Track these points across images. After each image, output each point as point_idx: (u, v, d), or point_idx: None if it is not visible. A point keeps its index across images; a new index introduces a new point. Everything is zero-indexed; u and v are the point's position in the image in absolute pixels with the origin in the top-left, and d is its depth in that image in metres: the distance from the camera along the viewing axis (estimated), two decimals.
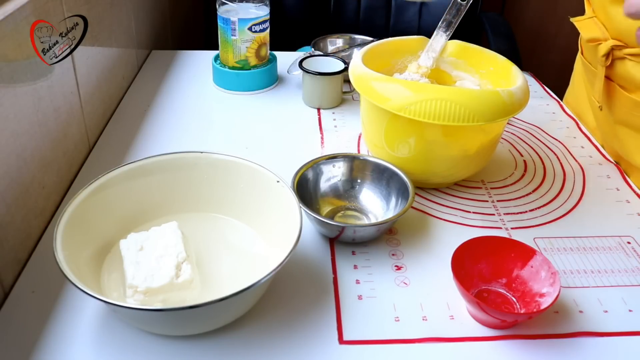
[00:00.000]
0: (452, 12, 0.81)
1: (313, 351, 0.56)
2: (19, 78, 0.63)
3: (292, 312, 0.60)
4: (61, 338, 0.56)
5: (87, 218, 0.60)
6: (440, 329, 0.59)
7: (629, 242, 0.72)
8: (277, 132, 0.94)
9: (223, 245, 0.67)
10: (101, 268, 0.61)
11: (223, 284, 0.61)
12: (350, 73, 0.78)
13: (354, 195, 0.76)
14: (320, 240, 0.70)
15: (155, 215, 0.67)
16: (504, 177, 0.85)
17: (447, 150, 0.74)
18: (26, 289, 0.61)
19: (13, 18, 0.60)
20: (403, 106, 0.69)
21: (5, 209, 0.60)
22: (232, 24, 0.99)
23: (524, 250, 0.62)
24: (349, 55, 1.15)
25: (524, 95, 0.72)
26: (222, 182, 0.68)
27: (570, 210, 0.78)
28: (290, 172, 0.71)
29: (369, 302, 0.62)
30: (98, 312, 0.59)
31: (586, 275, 0.67)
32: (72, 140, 0.78)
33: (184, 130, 0.92)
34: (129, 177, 0.65)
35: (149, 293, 0.55)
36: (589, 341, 0.59)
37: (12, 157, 0.62)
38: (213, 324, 0.56)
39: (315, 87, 1.00)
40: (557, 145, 0.94)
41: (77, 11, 0.76)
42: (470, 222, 0.75)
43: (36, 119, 0.67)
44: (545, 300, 0.58)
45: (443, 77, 0.86)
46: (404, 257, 0.68)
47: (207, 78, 1.09)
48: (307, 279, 0.64)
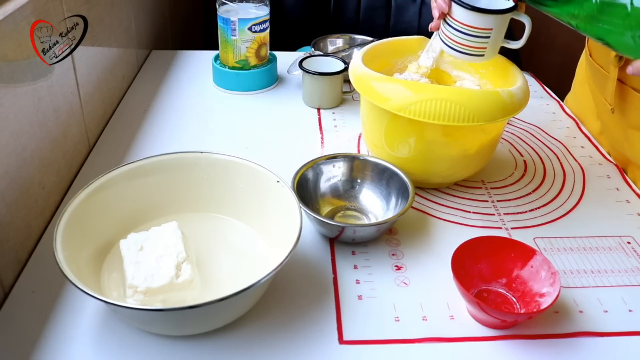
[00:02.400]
0: None
1: (313, 351, 0.56)
2: (19, 78, 0.63)
3: (292, 312, 0.60)
4: (61, 338, 0.56)
5: (87, 218, 0.60)
6: (440, 329, 0.59)
7: (629, 242, 0.72)
8: (277, 132, 0.94)
9: (223, 245, 0.67)
10: (101, 268, 0.61)
11: (223, 284, 0.61)
12: (350, 73, 0.78)
13: (354, 195, 0.76)
14: (320, 240, 0.70)
15: (155, 215, 0.67)
16: (504, 177, 0.85)
17: (447, 150, 0.74)
18: (26, 289, 0.61)
19: (13, 18, 0.60)
20: (403, 106, 0.69)
21: (5, 209, 0.60)
22: (232, 24, 0.99)
23: (524, 250, 0.62)
24: (349, 55, 1.15)
25: (524, 95, 0.72)
26: (222, 182, 0.68)
27: (570, 210, 0.78)
28: (290, 172, 0.71)
29: (369, 302, 0.62)
30: (98, 312, 0.59)
31: (586, 275, 0.67)
32: (72, 140, 0.78)
33: (184, 130, 0.92)
34: (129, 177, 0.65)
35: (149, 293, 0.55)
36: (589, 341, 0.59)
37: (12, 157, 0.62)
38: (213, 324, 0.56)
39: (315, 87, 1.00)
40: (557, 145, 0.94)
41: (77, 11, 0.76)
42: (470, 222, 0.75)
43: (36, 119, 0.67)
44: (545, 300, 0.58)
45: (443, 77, 0.86)
46: (404, 257, 0.68)
47: (207, 78, 1.09)
48: (307, 279, 0.64)
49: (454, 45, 0.73)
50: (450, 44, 0.74)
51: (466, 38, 0.72)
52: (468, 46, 0.72)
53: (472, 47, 0.72)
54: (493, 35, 0.71)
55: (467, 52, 0.73)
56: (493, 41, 0.72)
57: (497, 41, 0.73)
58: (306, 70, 0.99)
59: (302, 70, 0.99)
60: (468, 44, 0.72)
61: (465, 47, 0.73)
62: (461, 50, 0.73)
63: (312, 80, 0.99)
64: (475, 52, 0.73)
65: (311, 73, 0.98)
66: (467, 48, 0.73)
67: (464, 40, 0.72)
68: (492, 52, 0.74)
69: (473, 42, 0.72)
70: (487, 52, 0.73)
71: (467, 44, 0.72)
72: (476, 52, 0.73)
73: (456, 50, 0.74)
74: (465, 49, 0.73)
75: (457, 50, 0.74)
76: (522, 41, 0.72)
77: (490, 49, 0.73)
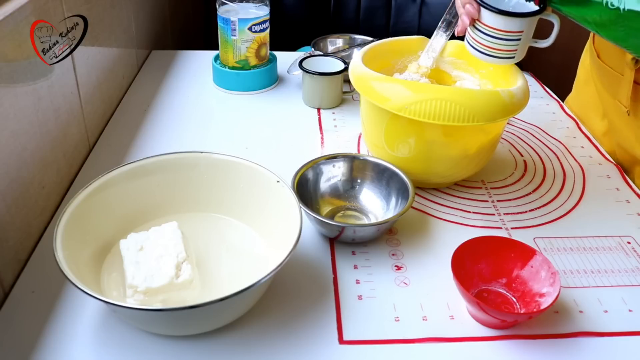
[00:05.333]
0: (452, 12, 0.82)
1: (313, 351, 0.56)
2: (19, 78, 0.63)
3: (292, 312, 0.60)
4: (61, 338, 0.56)
5: (87, 218, 0.60)
6: (440, 329, 0.59)
7: (629, 242, 0.72)
8: (277, 132, 0.94)
9: (223, 245, 0.67)
10: (101, 268, 0.61)
11: (223, 284, 0.61)
12: (350, 73, 0.78)
13: (354, 195, 0.76)
14: (320, 240, 0.70)
15: (155, 215, 0.67)
16: (504, 177, 0.85)
17: (447, 150, 0.74)
18: (26, 289, 0.61)
19: (13, 18, 0.60)
20: (403, 106, 0.69)
21: (5, 209, 0.60)
22: (232, 24, 0.99)
23: (524, 250, 0.62)
24: (349, 55, 1.15)
25: (524, 95, 0.72)
26: (222, 182, 0.68)
27: (570, 210, 0.78)
28: (290, 172, 0.71)
29: (369, 302, 0.62)
30: (98, 312, 0.59)
31: (586, 275, 0.67)
32: (72, 140, 0.78)
33: (184, 130, 0.92)
34: (129, 177, 0.65)
35: (149, 293, 0.55)
36: (589, 341, 0.59)
37: (12, 157, 0.62)
38: (213, 324, 0.56)
39: (315, 87, 1.00)
40: (557, 145, 0.94)
41: (77, 11, 0.76)
42: (470, 222, 0.75)
43: (36, 119, 0.67)
44: (545, 300, 0.58)
45: (443, 77, 0.86)
46: (404, 257, 0.68)
47: (207, 78, 1.09)
48: (307, 279, 0.64)
49: (484, 49, 0.74)
50: (480, 49, 0.74)
51: (497, 42, 0.72)
52: (499, 49, 0.73)
53: (503, 50, 0.73)
54: (524, 37, 0.72)
55: (498, 55, 0.73)
56: (523, 43, 0.73)
57: (526, 42, 0.73)
58: (306, 70, 0.99)
59: (302, 70, 0.99)
60: (499, 48, 0.73)
61: (496, 50, 0.73)
62: (492, 54, 0.74)
63: (312, 80, 0.99)
64: (506, 55, 0.73)
65: (311, 73, 0.98)
66: (498, 52, 0.73)
67: (495, 44, 0.72)
68: (521, 53, 0.74)
69: (504, 46, 0.72)
70: (517, 54, 0.74)
71: (498, 47, 0.73)
72: (507, 55, 0.73)
73: (486, 54, 0.74)
74: (496, 52, 0.73)
75: (487, 55, 0.74)
76: (551, 39, 0.73)
77: (520, 50, 0.73)
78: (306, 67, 0.99)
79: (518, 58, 0.75)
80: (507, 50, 0.73)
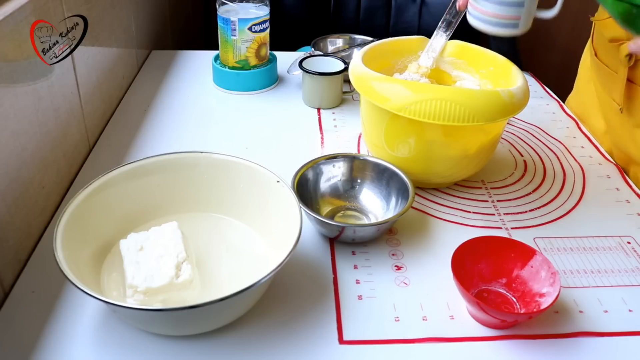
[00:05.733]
0: (452, 12, 0.82)
1: (313, 351, 0.56)
2: (19, 78, 0.63)
3: (292, 312, 0.60)
4: (61, 338, 0.56)
5: (87, 218, 0.60)
6: (440, 329, 0.59)
7: (629, 242, 0.72)
8: (277, 132, 0.94)
9: (223, 245, 0.67)
10: (101, 268, 0.61)
11: (223, 284, 0.61)
12: (350, 73, 0.78)
13: (354, 195, 0.76)
14: (320, 240, 0.70)
15: (155, 215, 0.67)
16: (504, 177, 0.85)
17: (447, 150, 0.74)
18: (26, 289, 0.61)
19: (13, 18, 0.60)
20: (403, 106, 0.69)
21: (5, 209, 0.60)
22: (232, 24, 0.99)
23: (524, 250, 0.62)
24: (349, 55, 1.15)
25: (524, 95, 0.72)
26: (222, 182, 0.68)
27: (570, 210, 0.78)
28: (290, 172, 0.71)
29: (369, 302, 0.62)
30: (98, 312, 0.59)
31: (586, 275, 0.67)
32: (72, 140, 0.78)
33: (184, 130, 0.92)
34: (129, 177, 0.65)
35: (149, 293, 0.55)
36: (589, 341, 0.59)
37: (12, 157, 0.62)
38: (213, 324, 0.56)
39: (315, 87, 1.00)
40: (557, 145, 0.94)
41: (77, 11, 0.76)
42: (470, 222, 0.75)
43: (36, 119, 0.67)
44: (545, 300, 0.58)
45: (443, 77, 0.86)
46: (404, 257, 0.68)
47: (207, 78, 1.09)
48: (307, 279, 0.64)
49: (487, 17, 0.71)
50: (481, 17, 0.72)
51: (499, 8, 0.70)
52: (502, 16, 0.71)
53: (506, 16, 0.71)
54: (527, 1, 0.70)
55: (500, 23, 0.71)
56: (527, 9, 0.70)
57: (531, 9, 0.71)
58: (306, 70, 0.99)
59: (302, 70, 0.99)
60: (502, 14, 0.70)
61: (498, 17, 0.71)
62: (494, 22, 0.71)
63: (312, 80, 0.99)
64: (510, 22, 0.71)
65: (311, 73, 0.98)
66: (500, 19, 0.71)
67: (498, 10, 0.70)
68: (525, 22, 0.71)
69: (507, 11, 0.70)
70: (521, 22, 0.71)
71: (500, 13, 0.70)
72: (511, 22, 0.71)
73: (488, 23, 0.72)
74: (499, 19, 0.71)
75: (489, 23, 0.72)
76: (556, 9, 0.71)
77: (525, 18, 0.71)
78: (306, 67, 0.99)
79: (522, 27, 0.72)
80: (511, 17, 0.71)
